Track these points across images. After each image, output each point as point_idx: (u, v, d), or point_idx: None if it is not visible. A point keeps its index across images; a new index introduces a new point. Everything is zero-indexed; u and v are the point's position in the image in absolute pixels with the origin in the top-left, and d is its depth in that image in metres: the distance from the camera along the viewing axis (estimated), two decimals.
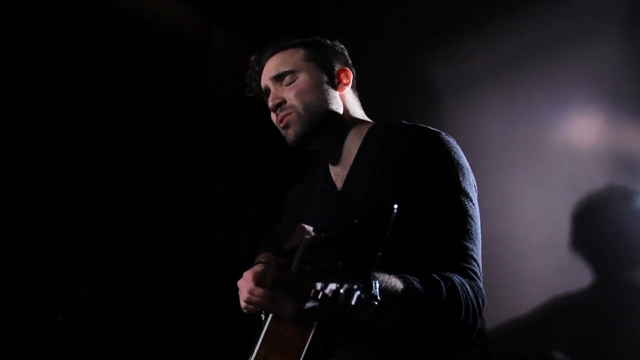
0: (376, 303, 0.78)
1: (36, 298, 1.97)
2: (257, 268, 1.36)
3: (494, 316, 1.84)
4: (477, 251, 1.14)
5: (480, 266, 1.14)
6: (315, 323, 0.97)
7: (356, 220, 0.68)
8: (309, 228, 0.86)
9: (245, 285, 1.32)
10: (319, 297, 0.71)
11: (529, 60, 1.91)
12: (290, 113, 1.32)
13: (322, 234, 0.73)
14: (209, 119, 2.56)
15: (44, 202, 2.03)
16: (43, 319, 1.96)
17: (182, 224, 2.41)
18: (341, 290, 0.69)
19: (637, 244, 1.64)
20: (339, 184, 1.37)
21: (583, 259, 1.74)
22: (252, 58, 1.45)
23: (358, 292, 0.69)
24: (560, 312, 1.77)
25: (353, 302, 0.69)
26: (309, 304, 0.78)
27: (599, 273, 1.70)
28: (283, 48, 1.39)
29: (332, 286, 0.70)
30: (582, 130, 1.79)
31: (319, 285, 0.72)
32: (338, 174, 1.39)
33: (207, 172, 2.54)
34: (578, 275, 1.74)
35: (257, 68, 1.44)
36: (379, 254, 0.67)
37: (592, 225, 1.73)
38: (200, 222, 2.46)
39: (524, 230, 1.89)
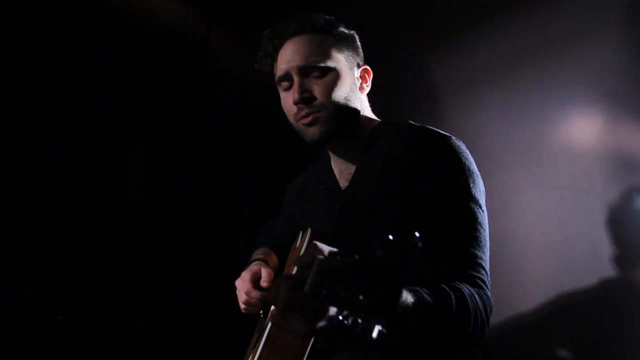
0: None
1: (36, 298, 1.97)
2: (255, 267, 1.35)
3: (494, 316, 1.83)
4: (486, 259, 1.13)
5: (489, 274, 1.12)
6: None
7: (378, 252, 0.66)
8: (322, 246, 0.83)
9: (243, 286, 1.31)
10: (335, 323, 0.69)
11: (529, 60, 1.91)
12: (319, 112, 1.23)
13: (338, 258, 0.71)
14: (208, 118, 2.56)
15: (44, 202, 2.03)
16: (43, 319, 1.97)
17: (182, 224, 2.41)
18: (359, 320, 0.68)
19: (637, 244, 1.64)
20: (343, 182, 1.34)
21: (583, 259, 1.73)
22: (270, 31, 1.31)
23: (379, 327, 0.67)
24: (560, 312, 1.77)
25: (374, 336, 0.67)
26: (321, 324, 0.75)
27: (599, 273, 1.70)
28: (310, 30, 1.27)
29: (351, 317, 0.68)
30: (582, 130, 1.79)
31: (334, 311, 0.71)
32: (342, 171, 1.35)
33: (207, 171, 2.54)
34: (578, 276, 1.73)
35: (276, 42, 1.29)
36: (403, 289, 0.65)
37: (591, 225, 1.72)
38: (200, 222, 2.46)
39: (524, 230, 1.88)
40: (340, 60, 1.28)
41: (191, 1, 2.55)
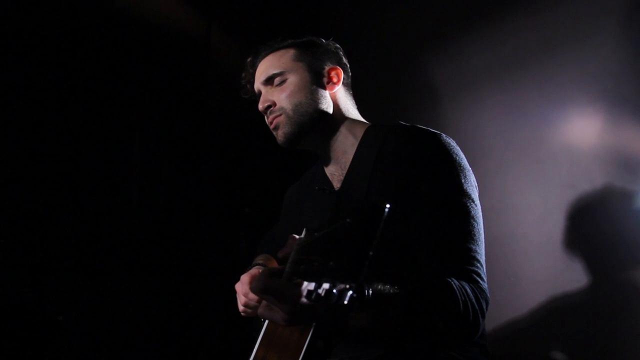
0: (368, 303, 0.79)
1: (36, 298, 1.97)
2: (254, 271, 1.36)
3: (494, 316, 1.84)
4: (481, 252, 1.14)
5: (484, 267, 1.14)
6: (314, 323, 0.97)
7: (348, 220, 0.69)
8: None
9: (242, 288, 1.32)
10: (313, 297, 0.71)
11: (529, 60, 1.91)
12: (280, 115, 1.34)
13: (316, 234, 0.74)
14: (208, 119, 2.56)
15: (44, 202, 2.03)
16: (43, 319, 1.97)
17: (182, 224, 2.41)
18: (334, 290, 0.70)
19: (637, 244, 1.64)
20: (336, 184, 1.37)
21: (582, 259, 1.73)
22: (248, 60, 1.46)
23: (350, 292, 0.69)
24: (559, 312, 1.77)
25: (346, 302, 0.70)
26: (301, 309, 0.78)
27: (598, 273, 1.70)
28: (275, 49, 1.40)
29: (325, 286, 0.71)
30: (582, 130, 1.79)
31: (312, 286, 0.73)
32: (333, 173, 1.39)
33: (207, 172, 2.54)
34: (578, 275, 1.74)
35: (251, 70, 1.45)
36: (371, 253, 0.68)
37: (591, 225, 1.73)
38: (200, 222, 2.46)
39: (524, 230, 1.89)
40: (300, 66, 1.37)
41: (191, 1, 2.55)
